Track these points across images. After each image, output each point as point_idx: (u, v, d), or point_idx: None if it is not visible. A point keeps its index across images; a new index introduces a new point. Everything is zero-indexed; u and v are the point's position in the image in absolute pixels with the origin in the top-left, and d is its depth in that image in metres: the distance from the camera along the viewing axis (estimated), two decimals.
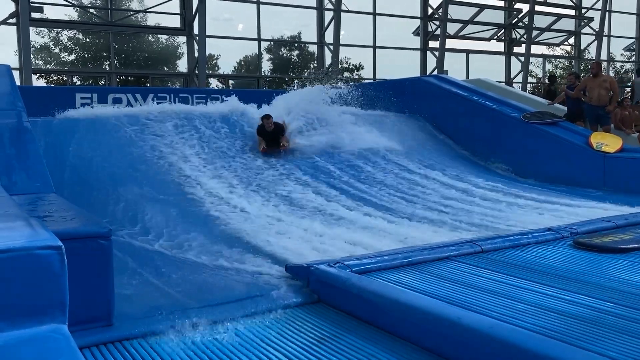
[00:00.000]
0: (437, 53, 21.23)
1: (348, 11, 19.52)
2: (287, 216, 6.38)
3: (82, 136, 8.12)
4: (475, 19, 22.20)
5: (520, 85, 22.85)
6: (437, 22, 21.32)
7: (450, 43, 21.62)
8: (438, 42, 21.14)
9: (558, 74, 26.86)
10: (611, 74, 25.64)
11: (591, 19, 24.79)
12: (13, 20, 15.18)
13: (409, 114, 12.05)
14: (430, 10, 21.72)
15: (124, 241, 5.27)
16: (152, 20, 18.14)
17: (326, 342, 2.97)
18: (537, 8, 22.82)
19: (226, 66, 20.16)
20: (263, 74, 19.92)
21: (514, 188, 8.39)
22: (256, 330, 3.12)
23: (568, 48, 26.08)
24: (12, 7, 15.07)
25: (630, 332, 2.75)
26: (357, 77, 22.03)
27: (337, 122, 10.14)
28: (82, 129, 8.36)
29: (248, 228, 5.74)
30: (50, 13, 15.96)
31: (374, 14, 20.63)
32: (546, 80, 14.45)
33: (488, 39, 23.31)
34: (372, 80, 20.51)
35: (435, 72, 20.19)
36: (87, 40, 17.87)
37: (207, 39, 16.78)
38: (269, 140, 9.22)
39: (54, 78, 17.87)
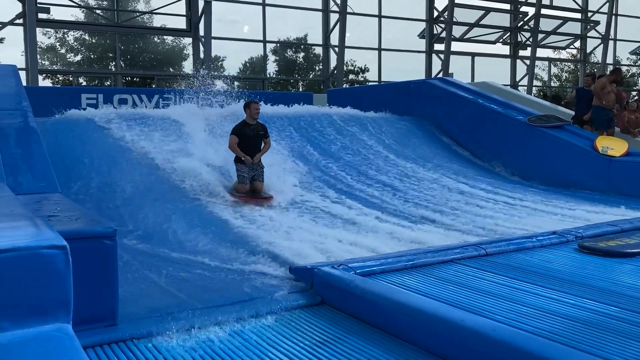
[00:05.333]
0: (442, 56, 21.22)
1: (353, 13, 19.53)
2: (290, 218, 6.38)
3: (78, 136, 8.12)
4: (481, 22, 22.20)
5: (525, 88, 22.82)
6: (443, 25, 21.32)
7: (455, 46, 21.63)
8: (443, 45, 21.14)
9: (564, 77, 26.81)
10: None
11: (597, 23, 24.74)
12: (20, 21, 15.26)
13: (414, 116, 12.04)
14: (435, 13, 21.73)
15: (128, 241, 5.28)
16: (157, 21, 18.22)
17: (329, 344, 2.97)
18: (543, 11, 22.79)
19: (232, 68, 20.23)
20: (268, 76, 19.95)
21: (519, 191, 8.37)
22: (259, 332, 3.12)
23: (574, 51, 26.03)
24: (19, 8, 15.14)
25: (635, 337, 2.74)
26: (362, 79, 22.05)
27: None
28: (78, 129, 8.37)
29: (252, 229, 5.74)
30: (56, 14, 16.06)
31: (380, 16, 20.65)
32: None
33: (493, 42, 23.30)
34: (377, 83, 20.51)
35: (440, 75, 20.19)
36: (93, 41, 17.94)
37: (213, 40, 16.82)
38: (249, 145, 7.16)
39: (60, 78, 17.95)
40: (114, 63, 17.79)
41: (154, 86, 17.89)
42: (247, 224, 5.96)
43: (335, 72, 19.51)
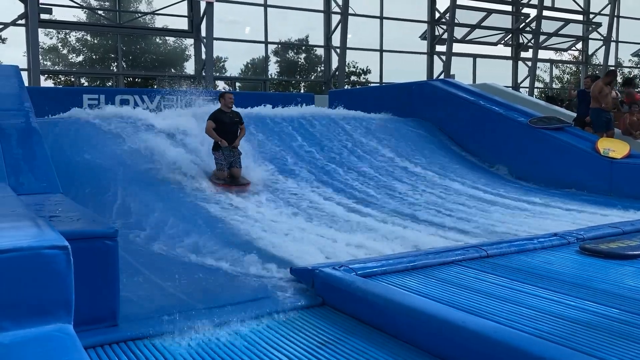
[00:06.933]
0: (444, 57, 21.22)
1: (355, 15, 19.54)
2: (292, 218, 6.38)
3: (77, 136, 8.14)
4: (483, 24, 22.20)
5: (527, 90, 22.82)
6: (445, 27, 21.32)
7: (457, 47, 21.63)
8: (445, 46, 21.14)
9: (565, 79, 26.80)
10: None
11: (599, 24, 24.73)
12: (22, 22, 15.29)
13: (415, 117, 12.04)
14: (437, 15, 21.73)
15: (130, 242, 5.27)
16: (159, 22, 18.25)
17: (330, 345, 2.97)
18: (545, 13, 22.79)
19: (233, 69, 20.25)
20: (270, 77, 19.96)
21: (520, 193, 8.37)
22: (260, 333, 3.12)
23: (575, 53, 26.02)
24: (21, 9, 15.18)
25: (636, 339, 2.73)
26: (363, 80, 22.05)
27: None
28: (77, 130, 8.39)
29: (253, 230, 5.74)
30: (58, 14, 16.08)
31: (381, 17, 20.65)
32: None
33: (495, 44, 23.29)
34: (378, 84, 20.51)
35: (442, 76, 20.19)
36: (95, 41, 17.97)
37: (215, 41, 16.84)
38: (226, 131, 7.59)
39: (62, 79, 17.97)
40: (115, 64, 17.81)
41: (155, 87, 17.90)
42: (249, 225, 5.96)
43: (336, 73, 19.52)
